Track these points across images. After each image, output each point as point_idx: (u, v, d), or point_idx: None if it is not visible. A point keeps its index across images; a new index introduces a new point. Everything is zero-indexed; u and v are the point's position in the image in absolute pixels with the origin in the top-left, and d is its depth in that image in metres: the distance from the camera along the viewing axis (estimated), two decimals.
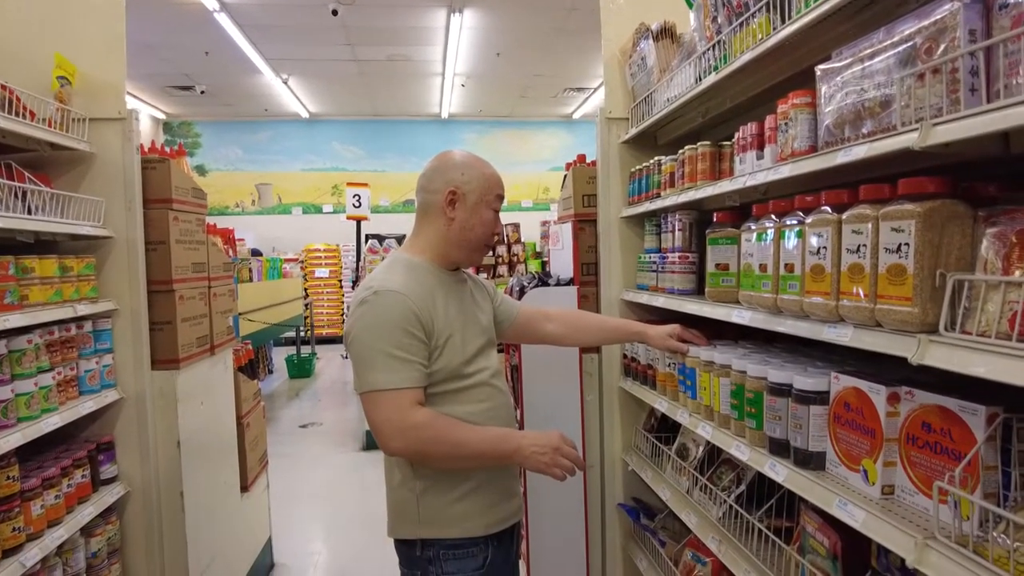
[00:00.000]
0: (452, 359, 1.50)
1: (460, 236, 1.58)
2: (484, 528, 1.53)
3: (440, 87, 9.96)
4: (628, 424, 2.59)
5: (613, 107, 2.56)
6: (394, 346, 1.41)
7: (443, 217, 1.57)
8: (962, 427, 1.07)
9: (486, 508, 1.54)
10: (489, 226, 1.60)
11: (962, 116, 0.96)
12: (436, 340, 1.48)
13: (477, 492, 1.53)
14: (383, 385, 1.40)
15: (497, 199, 1.61)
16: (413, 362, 1.43)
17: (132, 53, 7.83)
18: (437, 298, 1.52)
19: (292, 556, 3.61)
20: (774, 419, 1.47)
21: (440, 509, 1.52)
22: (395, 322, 1.42)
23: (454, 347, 1.51)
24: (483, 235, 1.59)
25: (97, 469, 2.17)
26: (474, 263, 1.66)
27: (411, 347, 1.43)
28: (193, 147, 11.70)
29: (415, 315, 1.44)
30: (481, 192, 1.58)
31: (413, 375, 1.43)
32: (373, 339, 1.42)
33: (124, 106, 2.26)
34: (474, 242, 1.59)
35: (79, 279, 2.10)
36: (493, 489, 1.56)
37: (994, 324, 0.94)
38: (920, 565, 1.01)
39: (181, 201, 2.44)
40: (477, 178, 1.58)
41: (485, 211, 1.58)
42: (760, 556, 1.62)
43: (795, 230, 1.38)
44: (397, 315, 1.43)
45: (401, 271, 1.53)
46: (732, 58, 1.66)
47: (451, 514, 1.52)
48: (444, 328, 1.50)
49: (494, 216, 1.61)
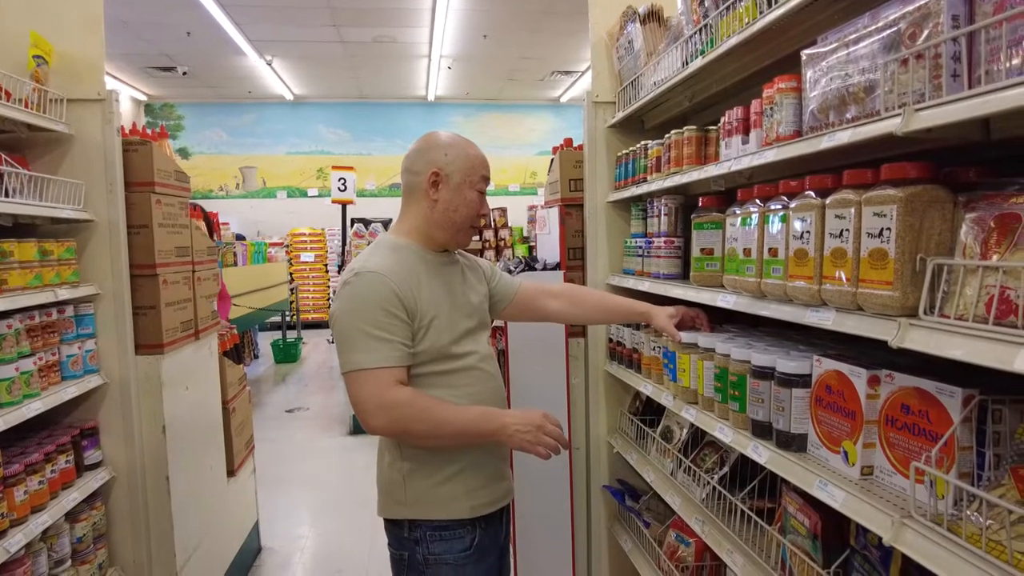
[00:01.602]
0: (438, 340, 1.51)
1: (444, 217, 1.57)
2: (470, 510, 1.54)
3: (427, 69, 9.86)
4: (613, 407, 2.61)
5: (600, 91, 2.55)
6: (374, 326, 1.42)
7: (427, 199, 1.57)
8: (939, 409, 1.09)
9: (472, 490, 1.55)
10: (473, 207, 1.59)
11: (944, 102, 0.97)
12: (420, 321, 1.48)
13: (463, 474, 1.54)
14: (364, 364, 1.42)
15: (482, 180, 1.60)
16: (393, 341, 1.44)
17: (110, 32, 7.68)
18: (421, 279, 1.52)
19: (280, 540, 3.62)
20: (757, 402, 1.49)
21: (426, 490, 1.53)
22: (375, 302, 1.43)
23: (439, 328, 1.51)
24: (467, 216, 1.58)
25: (81, 455, 2.16)
26: (461, 244, 1.65)
27: (392, 327, 1.44)
28: (176, 129, 11.52)
29: (396, 295, 1.45)
30: (465, 172, 1.57)
31: (394, 354, 1.44)
32: (354, 319, 1.43)
33: (103, 87, 2.22)
34: (459, 223, 1.58)
35: (60, 263, 2.07)
36: (480, 471, 1.57)
37: (972, 308, 0.96)
38: (896, 543, 1.03)
39: (164, 184, 2.41)
40: (461, 158, 1.57)
41: (469, 192, 1.57)
42: (743, 537, 1.64)
43: (779, 215, 1.39)
44: (377, 295, 1.44)
45: (385, 253, 1.54)
46: (718, 42, 1.66)
47: (437, 496, 1.53)
48: (428, 309, 1.50)
49: (479, 197, 1.60)
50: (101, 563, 2.20)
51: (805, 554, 1.39)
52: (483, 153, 1.64)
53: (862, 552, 1.27)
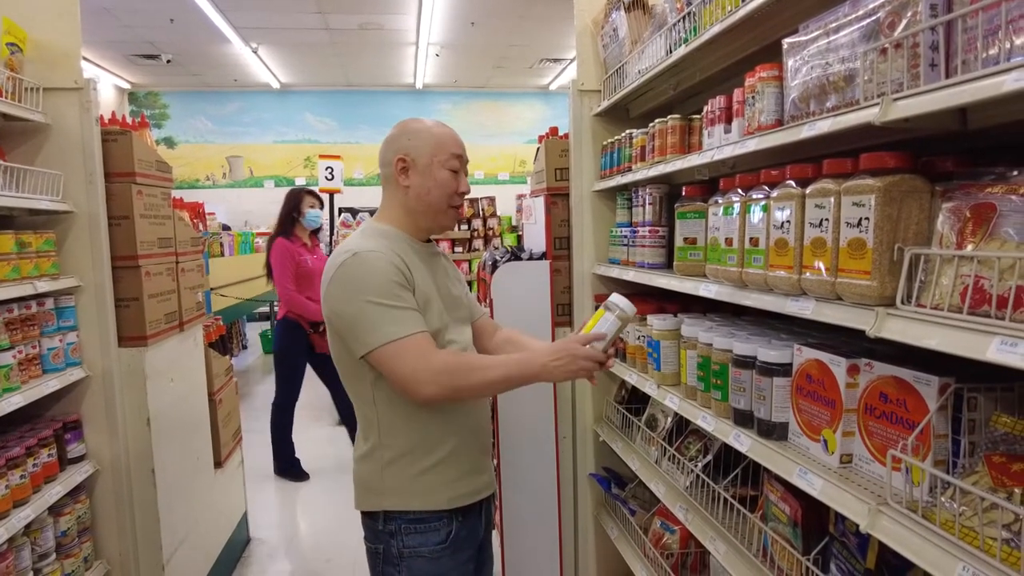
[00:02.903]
0: (432, 325, 1.48)
1: (418, 203, 1.55)
2: (447, 501, 1.52)
3: (414, 57, 9.77)
4: (599, 396, 2.62)
5: (585, 79, 2.53)
6: (391, 298, 1.40)
7: (399, 187, 1.55)
8: (916, 397, 1.10)
9: (451, 481, 1.53)
10: (446, 187, 1.54)
11: (921, 91, 0.96)
12: (419, 301, 1.47)
13: (443, 464, 1.52)
14: (397, 335, 1.39)
15: (453, 158, 1.55)
16: (413, 310, 1.43)
17: (90, 19, 7.47)
18: (414, 262, 1.51)
19: (268, 530, 3.62)
20: (739, 391, 1.50)
21: (404, 480, 1.51)
22: (384, 276, 1.41)
23: (433, 313, 1.50)
24: (442, 197, 1.55)
25: (64, 448, 2.15)
26: (445, 226, 1.62)
27: (406, 298, 1.43)
28: (161, 118, 11.38)
29: (395, 267, 1.44)
30: (431, 153, 1.53)
31: (420, 321, 1.43)
32: (366, 296, 1.40)
33: (80, 75, 2.18)
34: (434, 206, 1.55)
35: (38, 255, 2.05)
36: (461, 462, 1.55)
37: (947, 297, 0.96)
38: (872, 530, 1.04)
39: (145, 175, 2.38)
40: (426, 140, 1.54)
41: (439, 172, 1.54)
42: (726, 524, 1.66)
43: (760, 204, 1.39)
44: (384, 270, 1.42)
45: (376, 236, 1.52)
46: (702, 30, 1.65)
47: (415, 486, 1.51)
48: (425, 291, 1.50)
49: (451, 176, 1.55)
50: (86, 556, 2.19)
51: (786, 541, 1.41)
52: (453, 131, 1.60)
53: (840, 539, 1.29)
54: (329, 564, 3.28)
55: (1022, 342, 0.81)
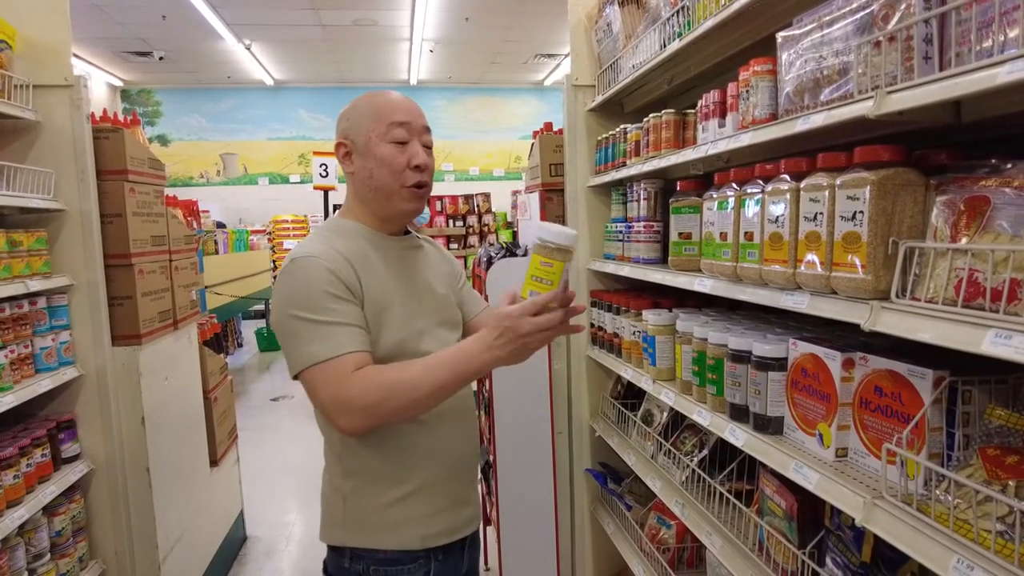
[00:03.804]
0: (392, 336, 1.28)
1: (366, 188, 1.34)
2: (421, 540, 1.32)
3: (408, 53, 9.74)
4: (595, 391, 2.62)
5: (580, 74, 2.53)
6: (319, 311, 1.21)
7: (348, 176, 1.38)
8: (911, 391, 1.10)
9: (427, 516, 1.33)
10: (392, 163, 1.30)
11: (915, 84, 0.96)
12: (369, 309, 1.27)
13: (416, 497, 1.32)
14: (315, 358, 1.19)
15: (395, 127, 1.31)
16: (344, 324, 1.21)
17: (82, 15, 7.44)
18: (371, 263, 1.31)
19: (265, 528, 3.62)
20: (734, 385, 1.50)
21: (370, 514, 1.31)
22: (314, 286, 1.22)
23: (393, 322, 1.29)
24: (388, 176, 1.31)
25: (58, 448, 2.14)
26: (406, 212, 1.37)
27: (338, 310, 1.22)
28: (154, 116, 11.33)
29: (333, 275, 1.23)
30: (368, 129, 1.32)
31: (353, 338, 1.21)
32: (294, 310, 1.22)
33: (71, 72, 2.16)
34: (383, 189, 1.32)
35: (30, 254, 2.03)
36: (436, 494, 1.34)
37: (942, 291, 0.96)
38: (867, 524, 1.05)
39: (137, 172, 2.37)
40: (361, 115, 1.33)
41: (380, 147, 1.30)
42: (722, 518, 1.66)
43: (755, 198, 1.39)
44: (314, 278, 1.22)
45: (325, 235, 1.34)
46: (696, 24, 1.65)
47: (382, 521, 1.31)
48: (380, 298, 1.29)
49: (395, 149, 1.30)
50: (82, 556, 2.18)
51: (782, 535, 1.41)
52: (398, 96, 1.35)
53: (836, 532, 1.29)
54: None
55: (1016, 335, 0.81)
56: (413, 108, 1.35)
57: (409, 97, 1.39)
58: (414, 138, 1.33)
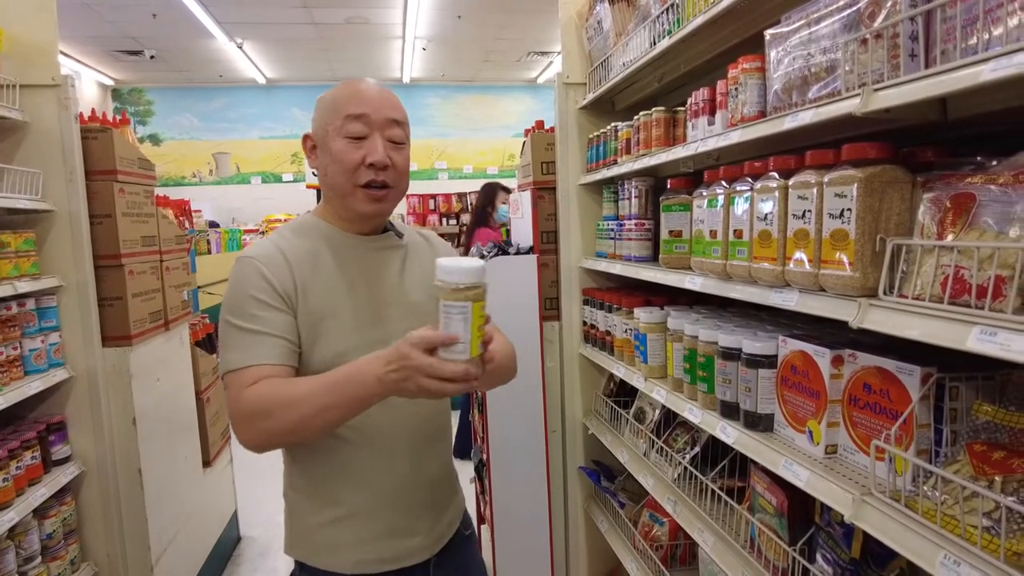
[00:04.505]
0: (330, 348, 1.19)
1: (325, 186, 1.27)
2: (352, 566, 1.25)
3: (401, 50, 9.71)
4: (588, 389, 2.62)
5: (571, 72, 2.52)
6: (243, 317, 1.16)
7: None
8: (899, 387, 1.10)
9: (360, 542, 1.26)
10: (341, 159, 1.21)
11: (901, 82, 0.96)
12: (305, 317, 1.20)
13: (350, 521, 1.26)
14: (228, 365, 1.15)
15: (349, 120, 1.20)
16: (262, 334, 1.15)
17: (71, 14, 7.37)
18: (321, 266, 1.23)
19: (259, 528, 3.61)
20: (725, 383, 1.50)
21: (308, 531, 1.28)
22: (243, 289, 1.18)
23: (334, 332, 1.20)
24: (340, 174, 1.21)
25: (48, 450, 2.12)
26: (361, 214, 1.25)
27: (262, 318, 1.16)
28: (145, 115, 11.26)
29: (264, 279, 1.18)
30: (326, 123, 1.23)
31: (262, 350, 1.15)
32: (226, 313, 1.18)
33: (58, 71, 2.15)
34: (338, 187, 1.23)
35: (18, 255, 2.02)
36: (373, 522, 1.26)
37: (929, 288, 0.97)
38: (857, 520, 1.05)
39: (127, 172, 2.35)
40: (324, 107, 1.25)
41: (333, 143, 1.21)
42: (714, 516, 1.66)
43: (744, 196, 1.39)
44: (246, 282, 1.18)
45: (283, 232, 1.29)
46: (685, 22, 1.65)
47: (317, 540, 1.27)
48: (320, 306, 1.21)
49: (347, 145, 1.21)
50: (73, 559, 2.17)
51: (772, 532, 1.41)
52: (360, 86, 1.25)
53: (826, 529, 1.29)
54: None
55: (1001, 331, 0.81)
56: (375, 98, 1.23)
57: (383, 87, 1.28)
58: (374, 132, 1.22)
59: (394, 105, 1.26)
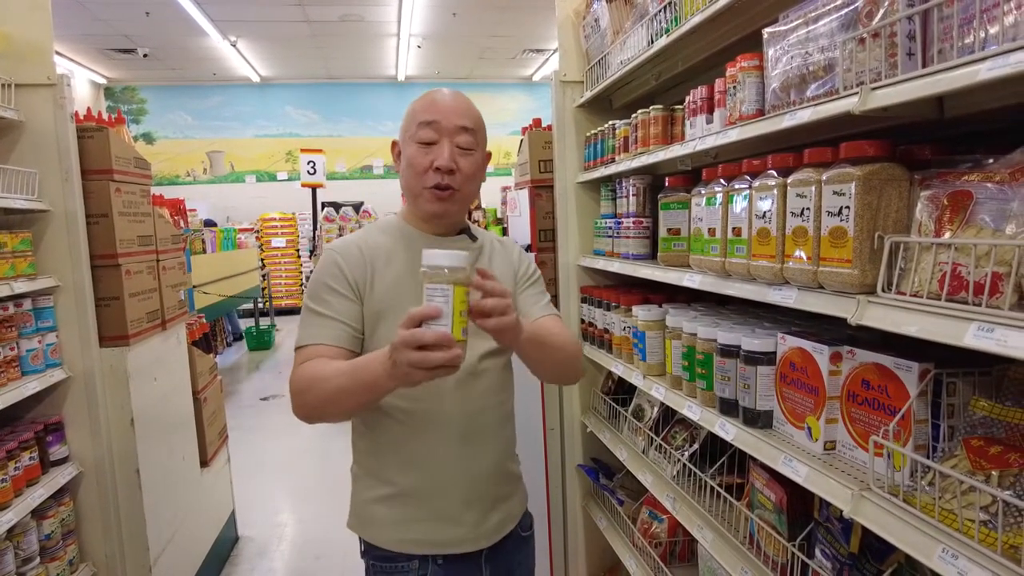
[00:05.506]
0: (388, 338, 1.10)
1: (403, 187, 1.38)
2: (395, 544, 1.33)
3: (396, 48, 9.70)
4: (587, 387, 2.63)
5: (568, 70, 2.53)
6: (315, 302, 1.29)
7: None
8: (897, 383, 1.11)
9: (401, 522, 1.33)
10: (412, 164, 1.30)
11: (899, 80, 0.97)
12: (370, 309, 1.29)
13: (394, 500, 1.34)
14: (298, 342, 1.29)
15: (421, 127, 1.30)
16: (327, 317, 1.27)
17: (64, 12, 7.35)
18: (394, 262, 1.32)
19: (257, 528, 3.61)
20: (723, 380, 1.51)
21: (360, 504, 1.38)
22: (321, 277, 1.31)
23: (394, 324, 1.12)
24: (412, 177, 1.32)
25: (46, 450, 2.12)
26: (428, 214, 1.34)
27: (331, 303, 1.28)
28: (139, 114, 11.22)
29: (339, 268, 1.30)
30: (404, 129, 1.35)
31: (323, 331, 1.26)
32: (306, 296, 1.33)
33: (53, 70, 2.14)
34: (410, 189, 1.34)
35: (14, 255, 2.01)
36: (416, 504, 1.33)
37: (926, 284, 0.97)
38: (856, 515, 1.06)
39: (123, 172, 2.35)
40: (404, 118, 1.37)
41: (408, 148, 1.33)
42: (713, 512, 1.67)
43: (742, 194, 1.40)
44: (323, 270, 1.32)
45: (369, 227, 1.42)
46: (683, 20, 1.65)
47: (371, 514, 1.36)
48: (384, 299, 1.29)
49: (418, 150, 1.30)
50: (71, 559, 2.17)
51: (772, 528, 1.42)
52: (437, 95, 1.34)
53: (825, 524, 1.31)
54: (318, 561, 3.27)
55: (998, 327, 0.82)
56: (447, 106, 1.31)
57: (459, 94, 1.37)
58: (443, 138, 1.29)
59: (464, 112, 1.34)
